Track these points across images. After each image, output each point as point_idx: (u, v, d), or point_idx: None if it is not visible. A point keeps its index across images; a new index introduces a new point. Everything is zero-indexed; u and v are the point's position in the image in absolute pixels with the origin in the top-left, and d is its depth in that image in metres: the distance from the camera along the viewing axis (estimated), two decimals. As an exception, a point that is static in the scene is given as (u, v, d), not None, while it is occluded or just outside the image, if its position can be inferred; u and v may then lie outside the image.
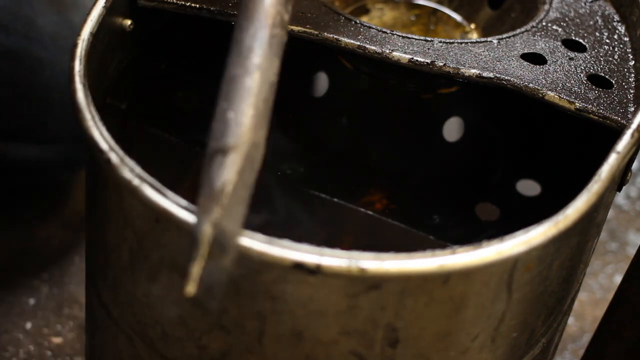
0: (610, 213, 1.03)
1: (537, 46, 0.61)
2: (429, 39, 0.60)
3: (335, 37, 0.59)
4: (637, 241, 1.02)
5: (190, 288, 0.41)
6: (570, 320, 0.91)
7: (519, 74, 0.58)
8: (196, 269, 0.41)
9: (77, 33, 0.54)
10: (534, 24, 0.63)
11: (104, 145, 0.47)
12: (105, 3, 0.56)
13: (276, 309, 0.46)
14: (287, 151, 0.70)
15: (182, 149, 0.69)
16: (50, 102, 0.83)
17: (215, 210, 0.42)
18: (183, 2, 0.60)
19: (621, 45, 0.63)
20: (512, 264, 0.47)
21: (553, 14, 0.65)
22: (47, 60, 0.82)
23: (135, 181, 0.46)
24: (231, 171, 0.43)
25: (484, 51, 0.60)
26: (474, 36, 0.70)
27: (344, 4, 0.70)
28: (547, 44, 0.61)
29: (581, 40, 0.62)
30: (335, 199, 0.67)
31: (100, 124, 0.48)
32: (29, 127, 0.83)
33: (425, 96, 0.70)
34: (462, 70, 0.58)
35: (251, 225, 0.45)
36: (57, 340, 0.84)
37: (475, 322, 0.49)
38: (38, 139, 0.84)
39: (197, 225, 0.42)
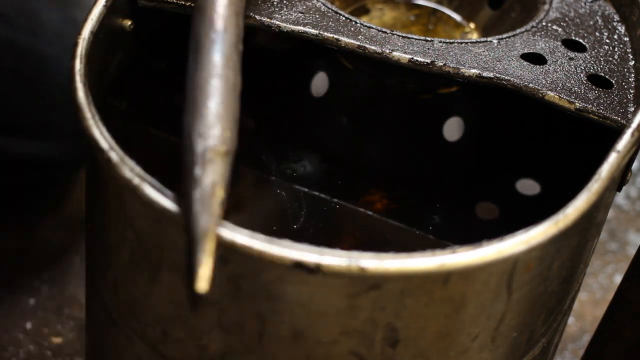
0: (610, 213, 1.03)
1: (537, 46, 0.61)
2: (429, 39, 0.60)
3: (335, 37, 0.59)
4: (637, 241, 1.02)
5: (203, 284, 0.41)
6: (570, 320, 0.91)
7: (519, 74, 0.58)
8: (207, 266, 0.41)
9: (78, 32, 0.54)
10: (534, 24, 0.63)
11: (104, 144, 0.47)
12: (105, 2, 0.56)
13: (276, 309, 0.46)
14: (287, 152, 0.70)
15: (182, 149, 0.69)
16: (54, 99, 0.83)
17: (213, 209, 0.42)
18: (183, 2, 0.60)
19: (621, 45, 0.63)
20: (512, 264, 0.47)
21: (553, 14, 0.65)
22: (52, 56, 0.82)
23: (136, 180, 0.46)
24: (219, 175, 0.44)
25: (484, 51, 0.60)
26: (474, 36, 0.70)
27: (344, 4, 0.70)
28: (547, 44, 0.61)
29: (581, 40, 0.62)
30: (335, 199, 0.67)
31: (100, 123, 0.48)
32: (31, 123, 0.83)
33: (425, 96, 0.70)
34: (462, 70, 0.58)
35: (251, 225, 0.45)
36: (57, 340, 0.84)
37: (475, 322, 0.49)
38: (40, 135, 0.84)
39: (197, 220, 0.42)
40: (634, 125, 0.53)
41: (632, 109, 0.57)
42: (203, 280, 0.41)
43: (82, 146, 0.86)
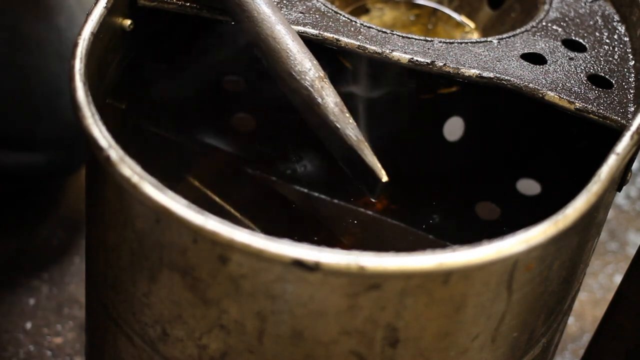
0: (610, 213, 1.03)
1: (537, 46, 0.61)
2: (429, 39, 0.60)
3: (335, 37, 0.59)
4: (637, 241, 1.02)
5: (384, 174, 0.53)
6: (570, 320, 0.91)
7: (519, 74, 0.58)
8: (376, 160, 0.53)
9: (78, 33, 0.54)
10: (534, 24, 0.63)
11: (103, 143, 0.47)
12: (106, 3, 0.56)
13: (276, 308, 0.46)
14: (287, 152, 0.70)
15: (181, 149, 0.69)
16: (39, 109, 0.83)
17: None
18: (183, 2, 0.60)
19: (621, 45, 0.63)
20: (512, 264, 0.47)
21: (553, 14, 0.65)
22: (33, 66, 0.82)
23: (135, 178, 0.46)
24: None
25: (484, 51, 0.60)
26: (474, 36, 0.70)
27: (344, 4, 0.70)
28: (547, 44, 0.61)
29: (581, 40, 0.62)
30: (336, 199, 0.67)
31: (100, 122, 0.48)
32: (17, 134, 0.83)
33: (425, 96, 0.70)
34: (462, 70, 0.58)
35: (251, 225, 0.45)
36: (57, 340, 0.84)
37: (476, 322, 0.49)
38: (27, 146, 0.84)
39: (348, 134, 0.53)
40: (633, 127, 0.53)
41: (632, 109, 0.57)
42: (382, 171, 0.53)
43: (70, 155, 0.86)
